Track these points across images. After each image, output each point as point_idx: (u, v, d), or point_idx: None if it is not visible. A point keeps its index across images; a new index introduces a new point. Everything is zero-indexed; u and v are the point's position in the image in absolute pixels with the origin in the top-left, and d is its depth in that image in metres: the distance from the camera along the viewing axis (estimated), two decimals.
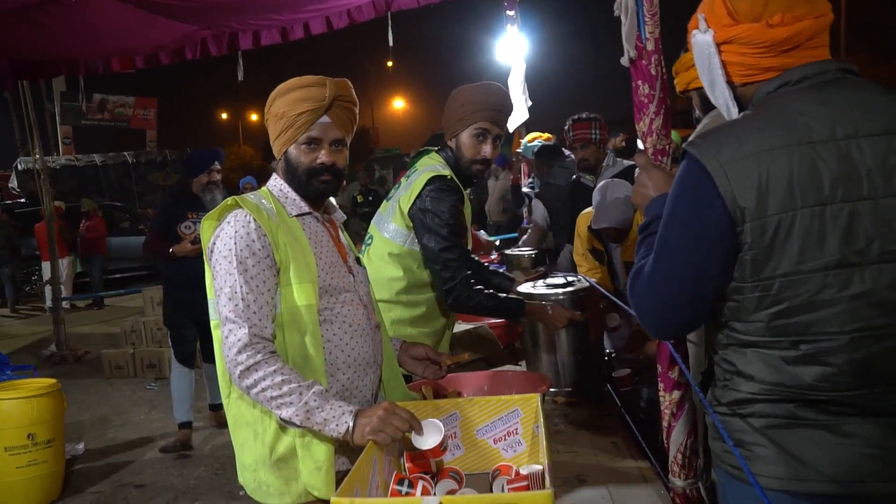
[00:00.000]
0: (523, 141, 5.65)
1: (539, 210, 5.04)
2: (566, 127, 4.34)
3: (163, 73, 6.52)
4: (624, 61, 1.79)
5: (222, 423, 4.91)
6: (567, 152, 5.07)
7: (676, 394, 1.84)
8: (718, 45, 1.33)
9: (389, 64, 32.40)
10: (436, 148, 2.71)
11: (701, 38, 1.35)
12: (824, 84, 1.27)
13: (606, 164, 4.23)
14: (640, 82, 1.78)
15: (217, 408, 5.08)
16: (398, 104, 44.27)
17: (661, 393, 1.88)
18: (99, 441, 5.19)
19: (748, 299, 1.26)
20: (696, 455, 1.87)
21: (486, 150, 2.55)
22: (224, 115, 44.60)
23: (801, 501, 1.26)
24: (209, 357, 4.92)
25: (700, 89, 2.00)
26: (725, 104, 1.37)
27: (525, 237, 5.46)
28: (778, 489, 1.27)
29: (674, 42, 2.04)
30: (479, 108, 2.52)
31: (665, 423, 1.88)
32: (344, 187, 6.47)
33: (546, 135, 5.90)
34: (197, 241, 4.45)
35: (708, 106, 2.11)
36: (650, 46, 1.75)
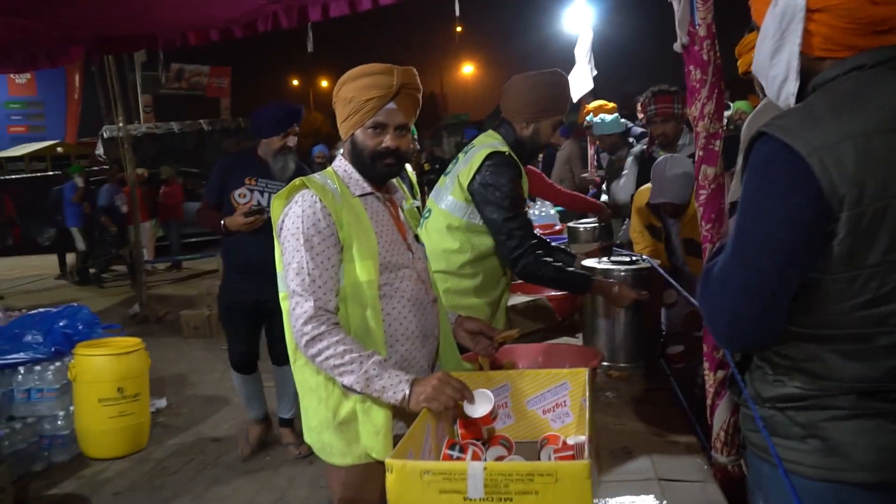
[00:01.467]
0: (596, 119, 5.51)
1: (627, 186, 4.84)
2: (644, 98, 3.99)
3: (235, 42, 6.67)
4: (677, 47, 1.81)
5: (292, 440, 4.29)
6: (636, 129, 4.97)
7: (721, 373, 1.89)
8: (810, 10, 1.22)
9: (458, 29, 32.21)
10: None
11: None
12: None
13: (682, 142, 3.94)
14: (692, 67, 1.80)
15: (285, 422, 4.35)
16: (467, 69, 43.97)
17: (706, 371, 1.93)
18: (178, 397, 5.53)
19: (827, 291, 1.20)
20: (739, 433, 1.92)
21: (556, 136, 2.82)
22: (295, 82, 45.23)
23: (849, 490, 1.25)
24: (279, 359, 4.19)
25: None
26: (784, 74, 1.27)
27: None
28: (827, 480, 1.26)
29: (727, 27, 2.01)
30: (565, 102, 2.74)
31: (709, 401, 1.93)
32: (414, 153, 6.21)
33: (611, 104, 5.81)
34: (252, 213, 3.83)
35: None
36: (702, 32, 1.76)
